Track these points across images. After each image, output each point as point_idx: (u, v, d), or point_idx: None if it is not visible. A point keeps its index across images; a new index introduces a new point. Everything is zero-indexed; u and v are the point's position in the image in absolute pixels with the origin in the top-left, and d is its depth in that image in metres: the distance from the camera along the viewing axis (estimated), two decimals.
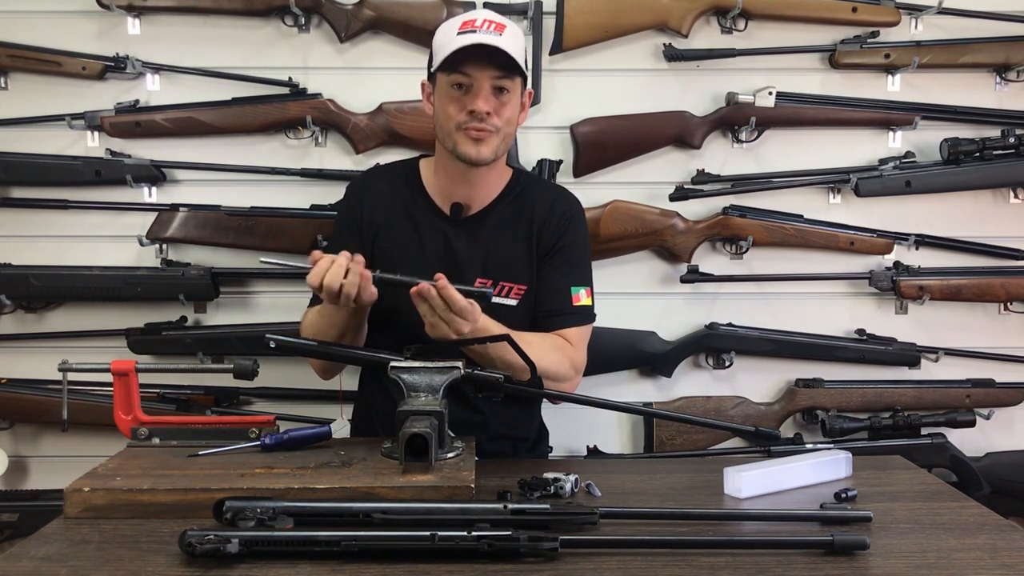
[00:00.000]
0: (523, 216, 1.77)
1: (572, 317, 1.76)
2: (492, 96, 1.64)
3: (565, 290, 1.76)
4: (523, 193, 1.80)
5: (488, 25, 1.63)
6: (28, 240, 2.31)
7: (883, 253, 2.37)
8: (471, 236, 1.76)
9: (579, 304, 1.76)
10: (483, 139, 1.65)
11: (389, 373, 1.49)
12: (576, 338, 1.76)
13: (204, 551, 1.14)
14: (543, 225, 1.77)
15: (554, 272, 1.77)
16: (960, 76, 2.37)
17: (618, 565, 1.17)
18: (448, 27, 1.67)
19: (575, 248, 1.79)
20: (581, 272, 1.80)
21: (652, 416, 2.35)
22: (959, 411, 2.33)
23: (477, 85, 1.63)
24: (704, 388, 2.42)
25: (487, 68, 1.62)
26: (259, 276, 2.33)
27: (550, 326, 1.75)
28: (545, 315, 1.76)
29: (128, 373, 1.55)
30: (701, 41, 2.32)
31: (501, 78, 1.64)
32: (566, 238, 1.78)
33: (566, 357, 1.72)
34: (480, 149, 1.65)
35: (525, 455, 1.85)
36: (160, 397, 2.27)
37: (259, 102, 2.26)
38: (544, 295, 1.76)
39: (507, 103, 1.66)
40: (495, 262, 1.75)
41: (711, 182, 2.33)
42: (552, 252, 1.77)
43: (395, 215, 1.78)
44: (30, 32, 2.25)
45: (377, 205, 1.79)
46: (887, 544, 1.25)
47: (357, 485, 1.36)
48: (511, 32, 1.65)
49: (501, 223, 1.77)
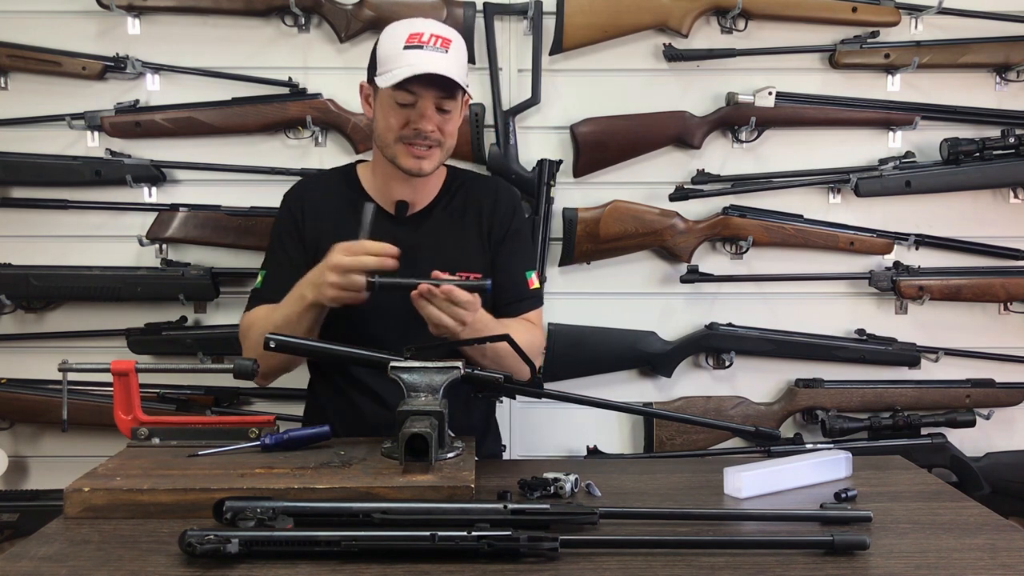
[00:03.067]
0: (469, 208, 1.82)
1: (531, 301, 1.84)
2: (435, 114, 1.67)
3: (521, 276, 1.83)
4: (463, 187, 1.85)
5: (435, 41, 1.64)
6: (28, 240, 2.31)
7: (883, 253, 2.37)
8: (421, 232, 1.78)
9: (534, 287, 1.85)
10: (425, 156, 1.68)
11: (389, 373, 1.49)
12: (537, 319, 1.85)
13: (204, 551, 1.14)
14: (491, 214, 1.82)
15: (510, 259, 1.82)
16: (960, 76, 2.37)
17: (618, 565, 1.17)
18: (394, 36, 1.67)
19: (522, 234, 1.88)
20: (531, 256, 1.90)
21: (652, 416, 2.35)
22: (959, 411, 2.33)
23: (422, 105, 1.65)
24: (704, 388, 2.42)
25: (433, 89, 1.64)
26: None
27: (513, 312, 1.81)
28: (508, 301, 1.81)
29: (128, 373, 1.55)
30: (701, 41, 2.32)
31: (445, 98, 1.66)
32: (514, 224, 1.84)
33: (536, 339, 1.80)
34: (421, 164, 1.69)
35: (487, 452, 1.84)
36: (160, 397, 2.27)
37: (259, 102, 2.26)
38: (503, 283, 1.79)
39: (450, 119, 1.70)
40: (450, 255, 1.76)
41: (711, 182, 2.33)
42: (504, 240, 1.82)
43: (338, 218, 1.77)
44: (30, 32, 2.25)
45: (318, 211, 1.80)
46: (887, 544, 1.25)
47: (357, 485, 1.35)
48: (456, 47, 1.67)
49: (448, 217, 1.81)
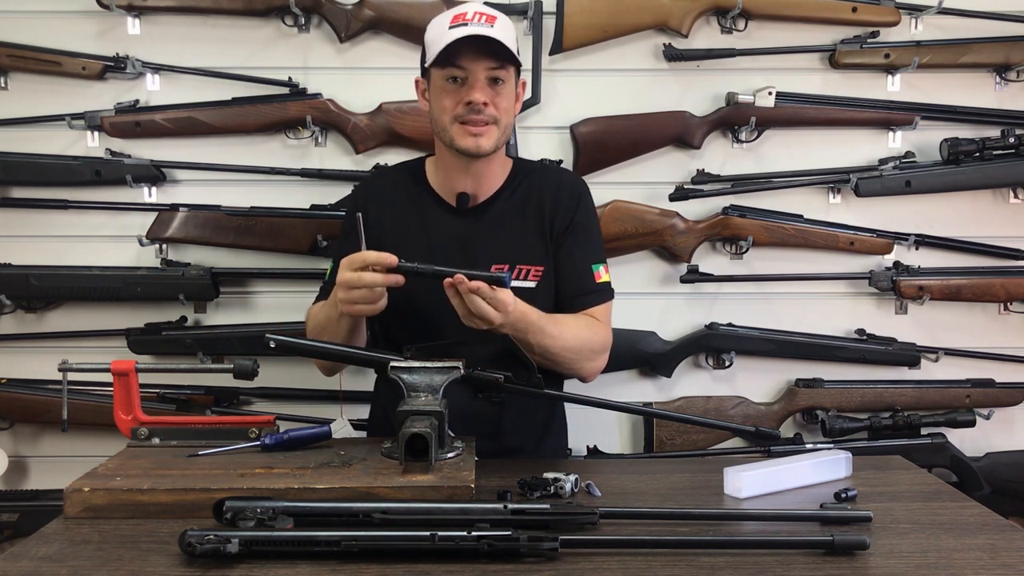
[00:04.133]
0: (532, 200, 1.77)
1: (597, 295, 1.77)
2: (488, 87, 1.65)
3: (587, 268, 1.77)
4: (527, 178, 1.80)
5: (479, 17, 1.64)
6: (28, 240, 2.31)
7: (883, 253, 2.37)
8: (481, 224, 1.76)
9: (601, 281, 1.78)
10: (482, 132, 1.65)
11: (389, 373, 1.49)
12: (602, 314, 1.77)
13: (204, 551, 1.14)
14: (554, 205, 1.77)
15: (575, 250, 1.77)
16: (960, 76, 2.37)
17: (618, 565, 1.17)
18: (439, 22, 1.67)
19: (588, 225, 1.80)
20: (599, 249, 1.81)
21: (652, 416, 2.35)
22: (959, 411, 2.33)
23: (472, 77, 1.63)
24: (704, 388, 2.42)
25: (482, 59, 1.63)
26: (259, 276, 2.33)
27: (577, 306, 1.75)
28: (572, 295, 1.76)
29: (128, 373, 1.55)
30: (701, 41, 2.32)
31: (496, 68, 1.64)
32: (579, 215, 1.78)
33: (598, 335, 1.74)
34: (479, 142, 1.65)
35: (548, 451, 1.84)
36: (160, 397, 2.27)
37: (259, 102, 2.26)
38: (567, 275, 1.76)
39: (503, 93, 1.67)
40: (509, 247, 1.74)
41: (711, 182, 2.33)
42: (568, 230, 1.77)
43: (400, 209, 1.78)
44: (30, 32, 2.25)
45: (381, 203, 1.79)
46: (887, 544, 1.25)
47: (357, 485, 1.35)
48: (502, 23, 1.66)
49: (510, 209, 1.77)
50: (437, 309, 1.57)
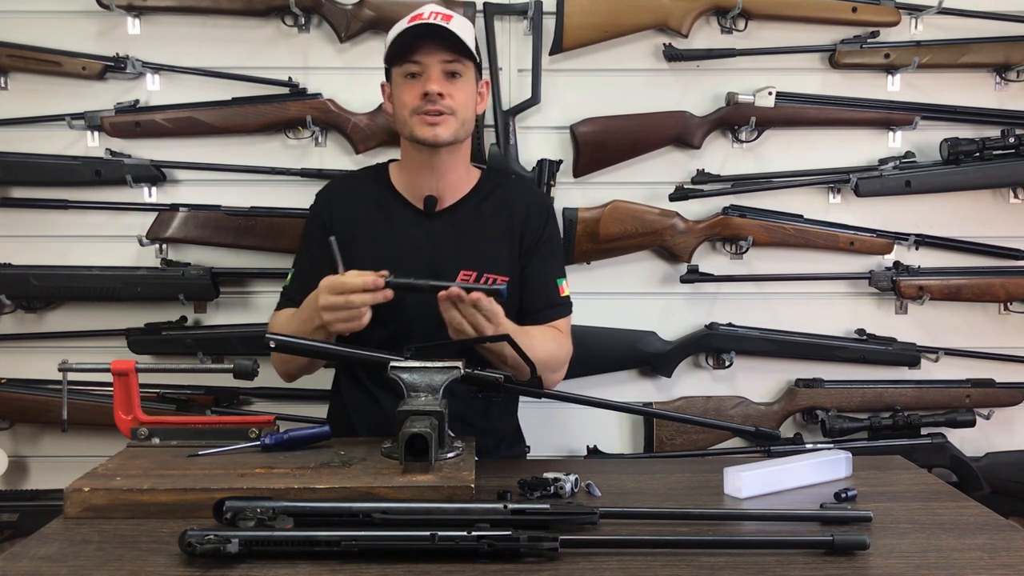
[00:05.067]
0: (503, 210, 1.81)
1: (561, 308, 1.83)
2: (444, 80, 1.68)
3: (553, 283, 1.83)
4: (498, 189, 1.84)
5: (435, 16, 1.69)
6: (28, 240, 2.31)
7: (883, 253, 2.37)
8: (449, 228, 1.78)
9: (564, 295, 1.84)
10: (439, 122, 1.68)
11: (389, 373, 1.49)
12: (565, 328, 1.84)
13: (204, 551, 1.14)
14: (525, 219, 1.81)
15: (542, 265, 1.82)
16: (960, 76, 2.36)
17: (618, 565, 1.17)
18: (398, 25, 1.73)
19: (555, 240, 1.88)
20: (562, 264, 1.89)
21: (652, 416, 2.35)
22: (959, 411, 2.33)
23: (428, 70, 1.68)
24: (704, 388, 2.42)
25: (436, 52, 1.68)
26: (259, 276, 2.33)
27: (541, 319, 1.80)
28: (538, 308, 1.80)
29: (128, 373, 1.55)
30: (701, 41, 2.32)
31: (451, 62, 1.69)
32: (548, 230, 1.84)
33: (562, 348, 1.79)
34: (436, 131, 1.69)
35: (505, 452, 1.86)
36: (160, 397, 2.27)
37: (259, 102, 2.26)
38: (534, 288, 1.80)
39: (460, 86, 1.71)
40: (479, 253, 1.76)
41: (711, 182, 2.33)
42: (537, 245, 1.82)
43: (365, 214, 1.80)
44: (30, 32, 2.25)
45: (346, 208, 1.81)
46: (887, 544, 1.25)
47: (357, 485, 1.35)
48: (459, 21, 1.71)
49: (480, 216, 1.80)
50: (409, 315, 1.64)
